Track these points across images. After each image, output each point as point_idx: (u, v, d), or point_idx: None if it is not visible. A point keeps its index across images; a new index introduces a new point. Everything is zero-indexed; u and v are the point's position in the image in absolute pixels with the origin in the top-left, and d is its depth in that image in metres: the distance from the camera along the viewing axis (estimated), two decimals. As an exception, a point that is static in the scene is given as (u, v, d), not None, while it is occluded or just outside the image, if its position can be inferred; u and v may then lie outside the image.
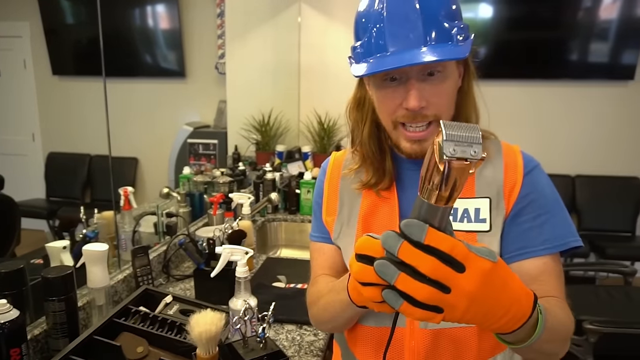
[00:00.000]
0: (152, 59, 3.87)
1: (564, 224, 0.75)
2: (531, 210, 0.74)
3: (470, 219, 0.75)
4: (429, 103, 0.70)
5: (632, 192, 3.56)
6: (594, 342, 1.61)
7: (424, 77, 0.70)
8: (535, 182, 0.76)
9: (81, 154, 3.51)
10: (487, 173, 0.77)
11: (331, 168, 0.90)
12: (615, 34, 3.44)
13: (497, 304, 0.47)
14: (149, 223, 1.69)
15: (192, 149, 3.15)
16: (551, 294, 0.70)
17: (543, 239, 0.73)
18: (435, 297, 0.43)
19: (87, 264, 1.08)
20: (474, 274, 0.44)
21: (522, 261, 0.73)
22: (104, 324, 0.97)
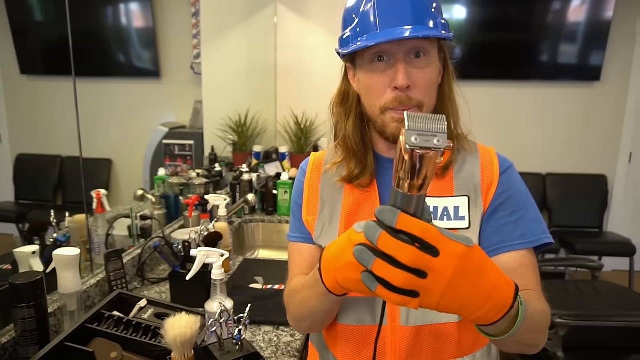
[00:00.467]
0: (126, 59, 3.80)
1: (537, 221, 0.78)
2: (507, 207, 0.78)
3: (450, 216, 0.78)
4: (415, 84, 0.73)
5: (599, 190, 3.69)
6: (563, 335, 1.67)
7: (411, 59, 0.73)
8: (510, 180, 0.80)
9: (52, 156, 3.41)
10: (465, 173, 0.80)
11: (311, 168, 0.91)
12: (583, 37, 3.55)
13: (476, 291, 0.47)
14: (123, 226, 1.66)
15: (168, 150, 3.11)
16: (529, 287, 0.73)
17: (518, 234, 0.76)
18: (412, 282, 0.44)
19: (58, 269, 1.06)
20: (448, 258, 0.44)
21: (500, 255, 0.76)
22: (75, 330, 0.95)
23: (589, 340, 1.77)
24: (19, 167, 3.44)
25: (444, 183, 0.80)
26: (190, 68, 3.51)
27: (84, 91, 3.75)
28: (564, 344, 1.69)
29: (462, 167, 0.81)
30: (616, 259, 3.60)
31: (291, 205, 0.92)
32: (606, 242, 3.48)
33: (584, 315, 1.70)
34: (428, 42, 0.74)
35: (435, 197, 0.79)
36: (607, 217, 3.78)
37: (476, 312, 0.49)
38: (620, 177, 3.74)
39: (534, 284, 0.75)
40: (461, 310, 0.48)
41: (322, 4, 3.09)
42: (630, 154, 3.71)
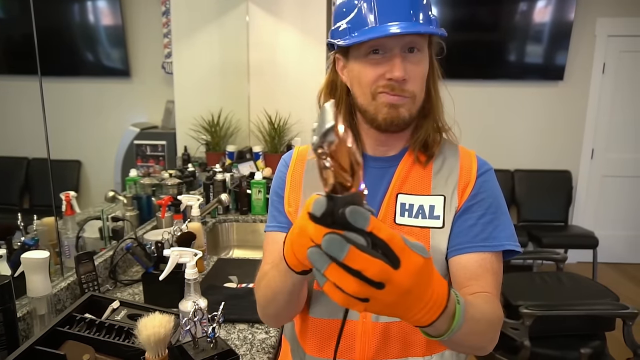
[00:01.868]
0: (94, 58, 3.71)
1: (505, 228, 0.80)
2: (477, 209, 0.79)
3: (424, 215, 0.80)
4: (409, 77, 0.75)
5: (564, 185, 3.83)
6: (529, 325, 1.74)
7: (405, 54, 0.75)
8: (486, 184, 0.82)
9: (18, 157, 3.30)
10: (444, 173, 0.82)
11: (294, 161, 0.90)
12: (547, 37, 3.68)
13: (420, 299, 0.47)
14: (94, 228, 1.64)
15: (140, 151, 3.06)
16: (484, 289, 0.74)
17: (484, 237, 0.77)
18: (366, 292, 0.41)
19: (27, 273, 1.04)
20: (408, 271, 0.42)
21: (462, 255, 0.77)
22: (46, 334, 0.94)
23: (554, 328, 1.84)
24: (-18, 170, 3.32)
25: (421, 181, 0.82)
26: (162, 67, 3.47)
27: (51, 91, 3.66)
28: (530, 333, 1.76)
29: (441, 167, 0.83)
30: (580, 251, 3.75)
31: (270, 196, 0.91)
32: (571, 235, 3.62)
33: (549, 305, 1.78)
34: (421, 38, 0.76)
35: (412, 195, 0.81)
36: (572, 211, 3.93)
37: (414, 316, 0.48)
38: (584, 172, 3.90)
39: (491, 287, 0.75)
40: (402, 315, 0.48)
41: (294, 4, 3.10)
42: (592, 150, 3.87)
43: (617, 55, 3.69)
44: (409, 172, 0.83)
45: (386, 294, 0.42)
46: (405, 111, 0.78)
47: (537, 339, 1.79)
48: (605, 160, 3.88)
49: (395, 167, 0.84)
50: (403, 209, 0.81)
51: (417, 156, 0.83)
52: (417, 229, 0.79)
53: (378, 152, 0.86)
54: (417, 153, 0.83)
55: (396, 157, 0.85)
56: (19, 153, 3.32)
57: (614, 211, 3.96)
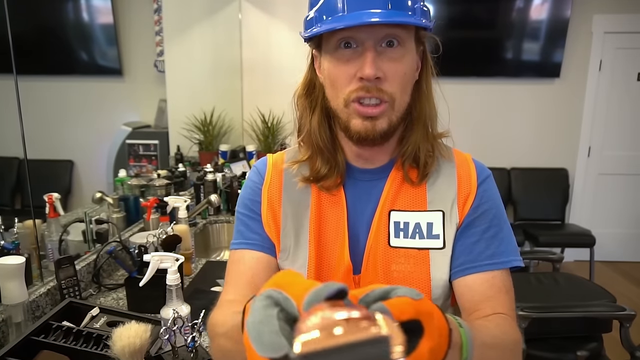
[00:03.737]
0: (86, 56, 3.68)
1: (509, 241, 0.72)
2: (481, 222, 0.71)
3: (422, 234, 0.70)
4: (386, 76, 0.64)
5: (561, 183, 3.80)
6: (525, 327, 1.70)
7: (382, 48, 0.65)
8: (487, 193, 0.73)
9: (9, 158, 3.27)
10: (440, 185, 0.72)
11: (270, 172, 0.78)
12: (544, 34, 3.65)
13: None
14: (79, 231, 1.60)
15: (132, 150, 3.02)
16: (498, 310, 0.67)
17: (489, 254, 0.69)
18: None
19: (1, 279, 1.00)
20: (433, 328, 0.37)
21: (468, 276, 0.69)
22: (19, 343, 0.90)
23: (550, 331, 1.81)
24: (-27, 170, 3.28)
25: (416, 195, 0.72)
26: (154, 66, 3.43)
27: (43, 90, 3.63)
28: (526, 336, 1.72)
29: (436, 177, 0.73)
30: (578, 250, 3.73)
31: (237, 208, 0.79)
32: (568, 233, 3.59)
33: (545, 307, 1.75)
34: (404, 31, 0.65)
35: (407, 211, 0.71)
36: (569, 209, 3.90)
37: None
38: (580, 170, 3.87)
39: (506, 307, 0.67)
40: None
41: (287, 1, 3.06)
42: (589, 148, 3.84)
43: (614, 52, 3.66)
44: (401, 186, 0.73)
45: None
46: (384, 122, 0.67)
47: (533, 341, 1.76)
48: (602, 158, 3.85)
49: (385, 179, 0.74)
50: (397, 228, 0.70)
51: (407, 173, 0.72)
52: (414, 251, 0.70)
53: (365, 162, 0.75)
54: (407, 168, 0.72)
55: (385, 168, 0.75)
56: (9, 153, 3.28)
57: (611, 209, 3.94)
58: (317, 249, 0.74)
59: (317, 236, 0.74)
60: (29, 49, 3.29)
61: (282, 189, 0.77)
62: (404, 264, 0.69)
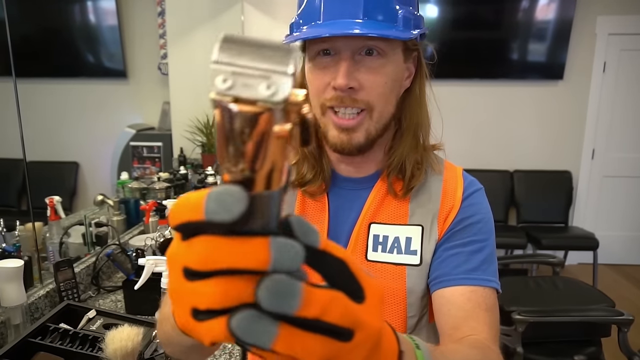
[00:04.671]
0: (91, 59, 3.72)
1: (492, 263, 0.67)
2: (463, 236, 0.67)
3: (400, 249, 0.68)
4: (361, 85, 0.63)
5: (564, 185, 3.79)
6: (522, 331, 1.71)
7: (361, 57, 0.63)
8: (473, 207, 0.69)
9: (15, 159, 3.31)
10: (423, 198, 0.69)
11: None
12: (548, 36, 3.64)
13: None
14: (79, 233, 1.62)
15: (136, 152, 3.06)
16: (478, 331, 0.60)
17: (470, 268, 0.65)
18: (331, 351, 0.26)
19: (0, 282, 1.02)
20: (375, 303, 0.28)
21: (446, 289, 0.65)
22: (16, 345, 0.93)
23: (548, 335, 1.81)
24: (-21, 171, 3.33)
25: (398, 208, 0.69)
26: (158, 68, 3.47)
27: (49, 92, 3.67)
28: (523, 339, 1.73)
29: (420, 189, 0.70)
30: (581, 253, 3.71)
31: None
32: (571, 236, 3.57)
33: (542, 311, 1.75)
34: (384, 42, 0.63)
35: (386, 225, 0.69)
36: (572, 212, 3.88)
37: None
38: (584, 173, 3.85)
39: (486, 327, 0.61)
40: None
41: (289, 3, 3.08)
42: (593, 150, 3.82)
43: (618, 53, 3.64)
44: (385, 197, 0.71)
45: (357, 346, 0.26)
46: (360, 135, 0.65)
47: (531, 345, 1.77)
48: (607, 160, 3.83)
49: (370, 189, 0.72)
50: (376, 241, 0.68)
51: (392, 184, 0.70)
52: (391, 266, 0.67)
53: (350, 172, 0.74)
54: (392, 180, 0.70)
55: (370, 178, 0.73)
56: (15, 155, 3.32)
57: (615, 212, 3.91)
58: None
59: None
60: (36, 52, 3.33)
61: None
62: (380, 278, 0.67)
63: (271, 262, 0.23)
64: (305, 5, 0.66)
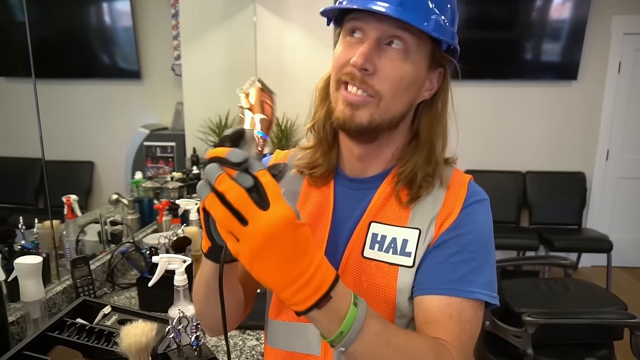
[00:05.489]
0: (106, 60, 3.78)
1: (482, 273, 0.66)
2: (452, 245, 0.67)
3: (396, 250, 0.69)
4: (376, 70, 0.64)
5: (578, 187, 3.75)
6: (532, 333, 1.70)
7: (386, 46, 0.65)
8: (469, 217, 0.69)
9: (33, 159, 3.38)
10: (426, 204, 0.70)
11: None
12: (561, 36, 3.60)
13: (290, 264, 0.45)
14: (95, 231, 1.67)
15: (150, 152, 3.10)
16: (439, 335, 0.62)
17: (451, 279, 0.65)
18: (230, 223, 0.45)
19: (20, 277, 1.06)
20: (274, 216, 0.44)
21: (424, 296, 0.66)
22: (35, 338, 0.96)
23: (558, 337, 1.80)
24: (-1, 170, 3.42)
25: (400, 211, 0.71)
26: (171, 69, 3.51)
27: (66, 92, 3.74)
28: (533, 341, 1.72)
29: (424, 197, 0.71)
30: (595, 255, 3.66)
31: None
32: (584, 238, 3.54)
33: (553, 312, 1.74)
34: (412, 37, 0.64)
35: (386, 225, 0.71)
36: (586, 213, 3.84)
37: (287, 288, 0.46)
38: (598, 174, 3.80)
39: (449, 336, 0.62)
40: (274, 284, 0.46)
41: (301, 5, 3.10)
42: (607, 152, 3.77)
43: (633, 53, 3.59)
44: (388, 200, 0.72)
45: (250, 233, 0.44)
46: (364, 115, 0.66)
47: (541, 347, 1.76)
48: (621, 161, 3.78)
49: (375, 189, 0.74)
50: (374, 240, 0.70)
51: (398, 191, 0.71)
52: (385, 265, 0.69)
53: (356, 169, 0.76)
54: (400, 187, 0.71)
55: (376, 179, 0.74)
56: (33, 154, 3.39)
57: (630, 214, 3.86)
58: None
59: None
60: (52, 53, 3.40)
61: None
62: (373, 275, 0.69)
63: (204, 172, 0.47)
64: None
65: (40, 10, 3.64)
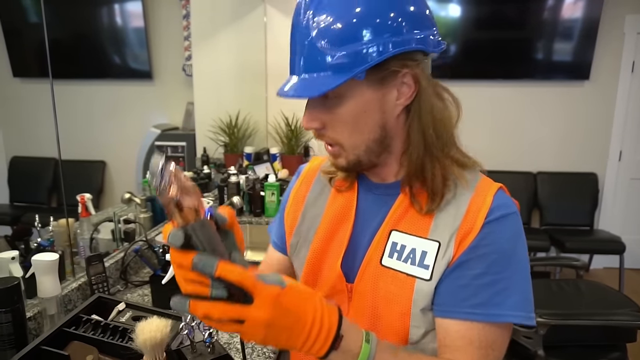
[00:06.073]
0: (118, 61, 3.82)
1: (512, 294, 0.63)
2: (475, 266, 0.64)
3: (414, 261, 0.67)
4: (324, 125, 0.67)
5: (590, 188, 3.71)
6: (544, 334, 1.69)
7: (323, 100, 0.65)
8: (493, 235, 0.64)
9: (46, 158, 3.44)
10: (447, 214, 0.67)
11: (303, 176, 0.86)
12: (573, 36, 3.57)
13: (297, 326, 0.51)
14: (108, 229, 1.69)
15: (160, 152, 3.13)
16: (457, 358, 0.62)
17: (475, 303, 0.63)
18: (231, 328, 0.50)
19: (37, 274, 1.08)
20: (264, 303, 0.49)
21: (445, 319, 0.65)
22: (52, 334, 0.98)
23: (570, 338, 1.79)
24: (13, 169, 3.48)
25: (420, 219, 0.69)
26: (182, 70, 3.54)
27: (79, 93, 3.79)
28: (544, 343, 1.71)
29: (446, 205, 0.67)
30: (607, 257, 3.63)
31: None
32: (596, 240, 3.50)
33: (564, 314, 1.73)
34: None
35: (407, 234, 0.69)
36: (598, 215, 3.80)
37: (303, 345, 0.52)
38: (611, 175, 3.76)
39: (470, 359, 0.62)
40: (290, 345, 0.52)
41: (311, 6, 3.11)
42: (620, 152, 3.73)
43: (647, 53, 3.55)
44: (409, 208, 0.70)
45: (250, 327, 0.50)
46: (342, 161, 0.70)
47: (552, 349, 1.75)
48: (634, 162, 3.74)
49: (396, 196, 0.72)
50: (394, 249, 0.69)
51: (415, 197, 0.69)
52: (402, 275, 0.68)
53: (376, 177, 0.76)
54: (416, 192, 0.69)
55: (394, 185, 0.73)
56: (47, 154, 3.45)
57: (643, 215, 3.81)
58: (317, 251, 0.78)
59: (321, 240, 0.78)
60: (64, 54, 3.45)
61: (308, 192, 0.84)
62: (390, 284, 0.69)
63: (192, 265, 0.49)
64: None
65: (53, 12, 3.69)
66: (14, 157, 3.51)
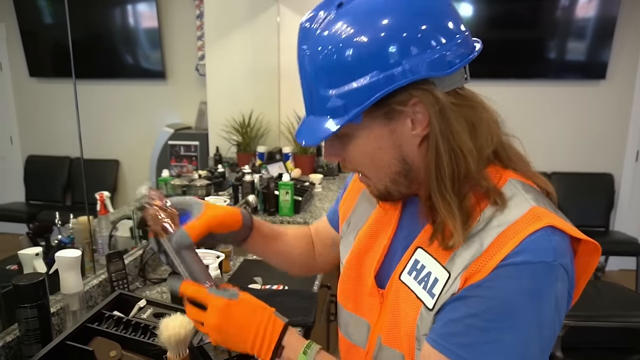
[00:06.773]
0: (132, 60, 3.86)
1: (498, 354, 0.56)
2: (473, 305, 0.57)
3: (426, 285, 0.64)
4: (344, 158, 0.67)
5: (605, 189, 3.66)
6: (562, 336, 1.68)
7: (336, 135, 0.62)
8: (503, 279, 0.56)
9: (61, 157, 3.49)
10: (469, 248, 0.60)
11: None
12: (589, 34, 3.53)
13: (243, 333, 0.67)
14: (126, 227, 1.70)
15: (174, 151, 3.15)
16: None
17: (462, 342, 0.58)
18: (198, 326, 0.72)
19: (60, 270, 1.09)
20: (213, 311, 0.68)
21: (430, 347, 0.61)
22: (76, 329, 0.99)
23: (588, 340, 1.77)
24: (29, 168, 3.52)
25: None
26: (195, 69, 3.56)
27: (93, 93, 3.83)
28: (563, 344, 1.69)
29: (472, 237, 0.60)
30: (623, 258, 3.58)
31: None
32: (612, 241, 3.45)
33: (583, 315, 1.71)
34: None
35: (430, 256, 0.65)
36: (614, 216, 3.75)
37: (251, 349, 0.67)
38: (627, 175, 3.71)
39: None
40: (238, 348, 0.68)
41: (325, 5, 3.11)
42: (637, 153, 3.68)
43: (665, 52, 3.50)
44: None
45: (206, 329, 0.70)
46: (373, 189, 0.70)
47: (571, 350, 1.73)
48: (652, 163, 3.68)
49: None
50: (414, 267, 0.67)
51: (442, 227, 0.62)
52: (413, 296, 0.65)
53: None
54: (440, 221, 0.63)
55: None
56: (62, 152, 3.49)
57: (660, 217, 3.75)
58: (357, 251, 0.78)
59: (363, 239, 0.78)
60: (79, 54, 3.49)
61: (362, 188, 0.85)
62: (403, 301, 0.67)
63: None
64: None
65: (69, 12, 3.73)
66: (29, 156, 3.55)
